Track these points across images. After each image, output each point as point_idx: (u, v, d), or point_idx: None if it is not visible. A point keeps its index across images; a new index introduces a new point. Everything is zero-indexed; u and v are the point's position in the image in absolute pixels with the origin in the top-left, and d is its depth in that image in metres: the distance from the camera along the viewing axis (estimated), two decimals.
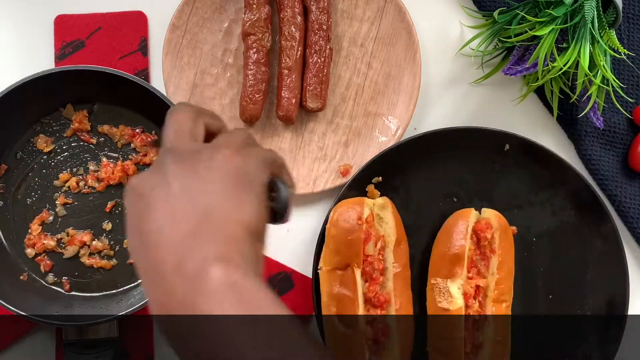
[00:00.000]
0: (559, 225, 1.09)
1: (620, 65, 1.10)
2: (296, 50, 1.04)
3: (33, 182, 1.06)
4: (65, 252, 1.05)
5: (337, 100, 1.09)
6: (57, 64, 1.08)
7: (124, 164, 1.05)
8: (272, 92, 1.08)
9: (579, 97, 1.04)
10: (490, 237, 1.02)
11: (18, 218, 1.05)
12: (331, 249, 1.00)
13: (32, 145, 1.06)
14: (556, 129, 1.12)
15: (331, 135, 1.09)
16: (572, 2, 0.94)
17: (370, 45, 1.09)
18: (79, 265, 1.05)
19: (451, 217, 1.05)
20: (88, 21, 1.08)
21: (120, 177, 1.05)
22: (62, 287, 1.05)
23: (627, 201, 1.10)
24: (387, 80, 1.09)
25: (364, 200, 1.01)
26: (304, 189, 1.07)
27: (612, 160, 1.10)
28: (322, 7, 1.04)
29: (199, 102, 1.07)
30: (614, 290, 1.07)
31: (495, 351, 1.02)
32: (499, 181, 1.09)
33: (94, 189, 1.05)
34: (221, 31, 1.08)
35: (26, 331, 1.05)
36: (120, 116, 1.07)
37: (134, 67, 1.08)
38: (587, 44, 0.95)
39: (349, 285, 0.98)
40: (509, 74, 1.01)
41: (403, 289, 1.03)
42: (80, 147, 1.07)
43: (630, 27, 1.11)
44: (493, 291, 1.02)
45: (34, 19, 1.09)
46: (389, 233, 1.02)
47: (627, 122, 1.11)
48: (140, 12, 1.09)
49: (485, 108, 1.12)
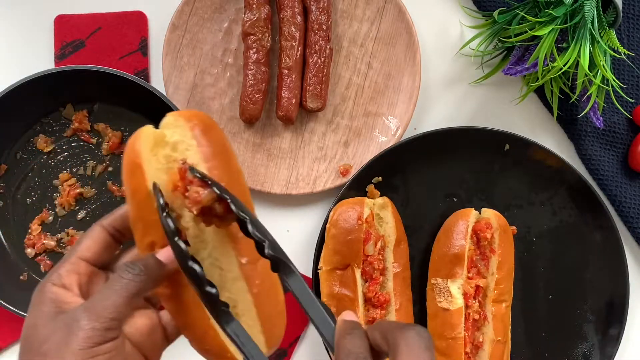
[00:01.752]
0: (559, 225, 1.09)
1: (620, 65, 1.10)
2: (296, 50, 1.04)
3: (33, 182, 1.06)
4: (65, 252, 1.05)
5: (337, 100, 1.09)
6: (57, 64, 1.08)
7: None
8: (272, 92, 1.08)
9: (579, 97, 1.04)
10: (490, 237, 1.02)
11: (18, 218, 1.05)
12: (331, 249, 1.00)
13: (32, 145, 1.06)
14: (556, 129, 1.12)
15: (331, 135, 1.09)
16: (572, 2, 0.94)
17: (370, 45, 1.09)
18: None
19: (451, 217, 1.05)
20: (88, 21, 1.08)
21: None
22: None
23: (627, 201, 1.10)
24: (387, 80, 1.09)
25: (364, 200, 1.01)
26: (304, 189, 1.07)
27: (612, 160, 1.10)
28: (322, 7, 1.04)
29: (199, 102, 1.07)
30: (614, 290, 1.07)
31: (495, 351, 1.02)
32: (499, 181, 1.09)
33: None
34: (221, 31, 1.08)
35: None
36: (120, 116, 1.07)
37: (134, 67, 1.08)
38: (587, 44, 0.95)
39: (349, 285, 0.98)
40: (509, 74, 1.01)
41: (403, 289, 1.03)
42: (80, 147, 1.07)
43: (630, 27, 1.11)
44: (493, 291, 1.02)
45: (34, 19, 1.09)
46: (389, 233, 1.02)
47: (627, 122, 1.11)
48: (140, 12, 1.09)
49: (485, 108, 1.12)
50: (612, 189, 1.09)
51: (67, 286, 0.62)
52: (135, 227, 0.63)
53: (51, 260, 1.05)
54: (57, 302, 0.60)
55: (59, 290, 0.62)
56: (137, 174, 0.61)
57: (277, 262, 0.58)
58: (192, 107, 1.06)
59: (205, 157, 0.62)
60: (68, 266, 0.64)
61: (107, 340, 0.58)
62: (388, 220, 1.03)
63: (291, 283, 0.58)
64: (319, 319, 0.58)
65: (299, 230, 1.09)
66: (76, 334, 0.57)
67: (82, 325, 0.57)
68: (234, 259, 0.63)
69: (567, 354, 1.08)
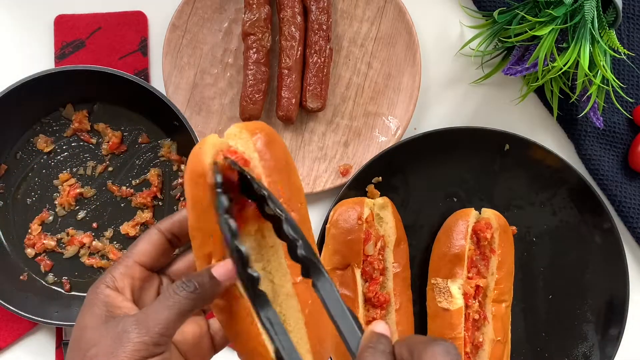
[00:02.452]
0: (559, 225, 1.09)
1: (620, 65, 1.10)
2: (296, 50, 1.04)
3: (33, 182, 1.06)
4: (65, 252, 1.05)
5: (337, 100, 1.09)
6: (57, 64, 1.08)
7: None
8: (272, 92, 1.08)
9: (579, 97, 1.04)
10: (490, 237, 1.02)
11: (18, 218, 1.05)
12: (331, 249, 1.00)
13: (32, 145, 1.06)
14: (556, 129, 1.12)
15: (331, 135, 1.09)
16: (572, 2, 0.94)
17: (370, 45, 1.09)
18: (79, 265, 1.05)
19: (451, 217, 1.05)
20: (88, 21, 1.08)
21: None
22: (62, 287, 1.05)
23: (627, 201, 1.10)
24: (387, 80, 1.09)
25: (364, 200, 1.01)
26: (304, 189, 1.06)
27: (612, 160, 1.10)
28: (322, 7, 1.04)
29: (199, 102, 1.07)
30: (614, 290, 1.07)
31: (495, 351, 1.02)
32: (499, 181, 1.08)
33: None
34: (221, 31, 1.08)
35: (26, 331, 1.05)
36: (120, 116, 1.07)
37: (134, 67, 1.08)
38: (587, 44, 0.95)
39: (349, 285, 0.98)
40: (509, 74, 1.01)
41: (403, 289, 1.03)
42: (80, 147, 1.07)
43: (630, 27, 1.11)
44: (493, 291, 1.02)
45: (34, 19, 1.09)
46: (389, 233, 1.02)
47: (627, 122, 1.11)
48: (140, 12, 1.09)
49: (485, 108, 1.12)
50: (612, 189, 1.09)
51: (120, 289, 0.62)
52: (194, 236, 0.62)
53: (51, 260, 1.05)
54: (109, 306, 0.60)
55: (111, 293, 0.61)
56: (199, 183, 0.60)
57: (308, 264, 0.57)
58: (192, 107, 1.06)
59: (267, 171, 0.61)
60: (123, 269, 0.63)
61: (154, 354, 0.58)
62: (388, 220, 1.03)
63: (320, 287, 0.57)
64: (346, 327, 0.56)
65: None
66: (125, 346, 0.57)
67: (132, 337, 0.57)
68: (289, 276, 0.62)
69: (567, 354, 1.08)
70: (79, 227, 1.06)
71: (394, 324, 1.00)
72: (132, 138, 1.07)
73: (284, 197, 0.61)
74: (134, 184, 1.07)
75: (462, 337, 0.98)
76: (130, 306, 0.61)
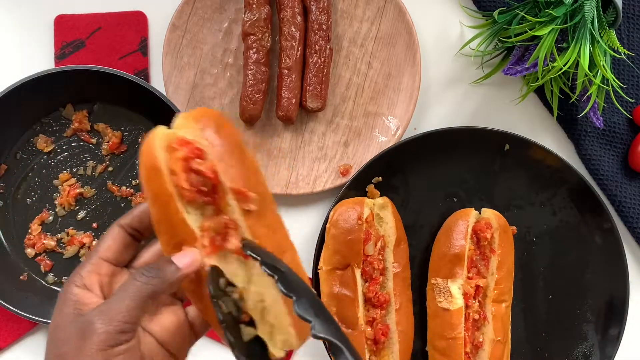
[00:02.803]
0: (559, 225, 1.09)
1: (620, 65, 1.10)
2: (296, 50, 1.04)
3: (33, 182, 1.06)
4: (65, 252, 1.05)
5: (337, 100, 1.09)
6: (57, 64, 1.08)
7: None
8: (272, 92, 1.08)
9: (579, 97, 1.04)
10: (490, 237, 1.02)
11: (18, 218, 1.05)
12: (331, 249, 1.00)
13: (32, 145, 1.06)
14: (556, 129, 1.12)
15: (331, 135, 1.09)
16: (572, 2, 0.94)
17: (370, 45, 1.09)
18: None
19: (451, 217, 1.05)
20: (88, 21, 1.08)
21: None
22: (62, 287, 1.05)
23: (627, 201, 1.10)
24: (387, 80, 1.09)
25: (364, 200, 1.01)
26: (304, 189, 1.07)
27: (612, 160, 1.10)
28: (322, 7, 1.04)
29: (199, 102, 1.07)
30: (614, 290, 1.07)
31: (495, 351, 1.02)
32: (499, 181, 1.08)
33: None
34: (221, 31, 1.08)
35: (26, 331, 1.05)
36: (120, 116, 1.07)
37: (134, 67, 1.08)
38: (587, 44, 0.95)
39: (349, 285, 0.98)
40: (509, 74, 1.01)
41: (403, 289, 1.03)
42: (80, 147, 1.07)
43: (630, 27, 1.11)
44: (493, 291, 1.02)
45: (34, 19, 1.09)
46: (389, 233, 1.02)
47: (627, 122, 1.11)
48: (140, 12, 1.09)
49: (485, 108, 1.12)
50: (612, 189, 1.09)
51: (88, 287, 0.63)
52: (159, 231, 0.63)
53: (51, 260, 1.05)
54: (78, 304, 0.62)
55: (80, 291, 0.63)
56: (156, 176, 0.61)
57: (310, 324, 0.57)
58: (192, 107, 1.06)
59: (219, 157, 0.61)
60: (89, 267, 0.64)
61: (120, 342, 0.59)
62: (388, 220, 1.03)
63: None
64: None
65: (299, 230, 1.09)
66: (90, 338, 0.58)
67: (96, 328, 0.58)
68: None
69: (567, 354, 1.08)
70: (79, 227, 1.06)
71: (394, 324, 1.00)
72: (132, 138, 1.07)
73: (242, 180, 0.61)
74: (134, 184, 1.07)
75: (462, 337, 0.98)
76: (99, 301, 0.62)
